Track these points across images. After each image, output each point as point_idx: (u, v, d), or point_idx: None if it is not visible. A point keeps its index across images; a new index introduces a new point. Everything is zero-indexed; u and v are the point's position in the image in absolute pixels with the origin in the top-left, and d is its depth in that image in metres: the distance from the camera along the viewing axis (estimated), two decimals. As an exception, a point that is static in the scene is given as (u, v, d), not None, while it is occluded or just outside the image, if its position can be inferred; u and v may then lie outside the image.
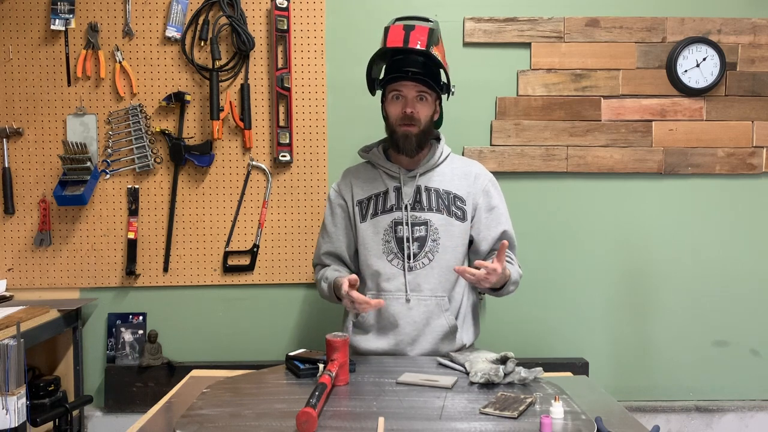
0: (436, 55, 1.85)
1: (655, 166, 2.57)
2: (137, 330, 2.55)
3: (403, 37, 1.84)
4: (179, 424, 1.35)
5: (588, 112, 2.56)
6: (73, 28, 2.50)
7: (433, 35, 1.85)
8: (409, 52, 1.87)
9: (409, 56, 1.88)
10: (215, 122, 2.47)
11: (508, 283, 1.85)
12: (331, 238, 2.02)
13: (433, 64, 1.89)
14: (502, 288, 1.86)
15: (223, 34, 2.51)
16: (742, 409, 2.60)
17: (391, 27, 1.88)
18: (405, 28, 1.85)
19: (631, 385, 2.62)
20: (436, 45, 1.87)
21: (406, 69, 1.87)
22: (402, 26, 1.86)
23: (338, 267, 2.00)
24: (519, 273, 1.93)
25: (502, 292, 1.88)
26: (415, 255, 1.89)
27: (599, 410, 1.44)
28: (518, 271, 1.93)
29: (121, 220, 2.55)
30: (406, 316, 1.88)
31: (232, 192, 2.56)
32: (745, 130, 2.58)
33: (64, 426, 2.06)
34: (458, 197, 1.94)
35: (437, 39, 1.88)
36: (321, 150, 2.56)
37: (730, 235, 2.62)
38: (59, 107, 2.52)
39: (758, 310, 2.63)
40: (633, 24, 2.55)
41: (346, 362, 1.59)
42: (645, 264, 2.61)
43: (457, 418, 1.37)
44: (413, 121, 1.88)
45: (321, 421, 1.33)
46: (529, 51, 2.55)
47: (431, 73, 1.89)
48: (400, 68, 1.88)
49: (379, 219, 1.93)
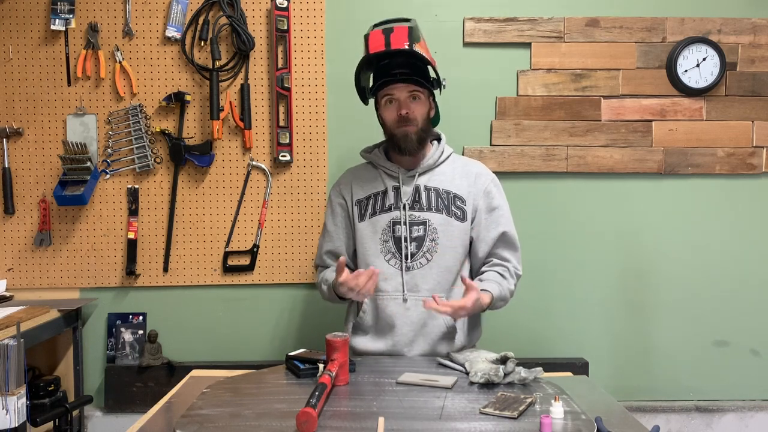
0: (420, 52, 1.84)
1: (655, 166, 2.57)
2: (137, 330, 2.55)
3: (384, 41, 1.83)
4: (179, 424, 1.35)
5: (588, 112, 2.56)
6: (73, 28, 2.50)
7: (413, 33, 1.85)
8: (393, 54, 1.86)
9: (394, 59, 1.88)
10: (215, 122, 2.47)
11: (494, 301, 1.83)
12: (332, 237, 2.02)
13: (419, 61, 1.89)
14: (487, 309, 1.86)
15: (223, 34, 2.51)
16: (742, 409, 2.60)
17: (370, 34, 1.88)
18: (384, 32, 1.85)
19: (631, 385, 2.62)
20: (418, 42, 1.86)
21: (393, 72, 1.86)
22: (381, 30, 1.86)
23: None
24: (510, 289, 1.91)
25: (491, 308, 1.87)
26: (413, 255, 1.89)
27: (599, 410, 1.44)
28: (509, 287, 1.91)
29: (121, 220, 2.55)
30: (403, 317, 1.87)
31: (232, 192, 2.56)
32: (745, 130, 2.58)
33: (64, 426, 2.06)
34: (458, 197, 1.93)
35: (418, 36, 1.87)
36: (321, 150, 2.56)
37: (730, 235, 2.62)
38: (59, 107, 2.52)
39: (758, 310, 2.63)
40: (633, 24, 2.55)
41: (346, 362, 1.59)
42: (645, 264, 2.62)
43: (457, 418, 1.37)
44: (410, 122, 1.87)
45: (321, 421, 1.33)
46: (529, 51, 2.55)
47: (419, 71, 1.88)
48: (388, 72, 1.87)
49: (377, 218, 1.93)
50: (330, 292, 1.91)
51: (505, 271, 1.93)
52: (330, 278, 1.91)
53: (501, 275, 1.91)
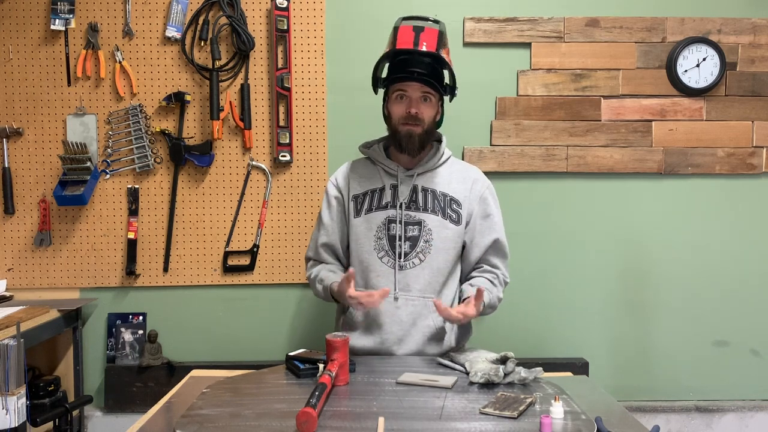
0: (445, 59, 1.85)
1: (655, 166, 2.57)
2: (137, 330, 2.55)
3: (413, 39, 1.83)
4: (179, 424, 1.35)
5: (588, 112, 2.56)
6: (73, 28, 2.50)
7: (442, 38, 1.85)
8: (417, 52, 1.86)
9: (415, 56, 1.87)
10: (215, 122, 2.47)
11: (485, 307, 1.84)
12: (327, 230, 2.01)
13: (437, 64, 1.89)
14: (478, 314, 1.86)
15: (223, 34, 2.51)
16: (742, 409, 2.60)
17: (400, 27, 1.87)
18: (414, 29, 1.84)
19: (631, 385, 2.62)
20: (445, 48, 1.86)
21: (411, 69, 1.86)
22: (411, 27, 1.85)
23: (333, 267, 1.99)
24: (499, 297, 1.93)
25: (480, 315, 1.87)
26: (407, 254, 1.89)
27: (599, 410, 1.44)
28: (498, 296, 1.93)
29: (121, 220, 2.55)
30: (393, 315, 1.88)
31: (232, 192, 2.56)
32: (745, 130, 2.58)
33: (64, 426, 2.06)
34: (454, 200, 1.94)
35: (446, 42, 1.87)
36: (321, 150, 2.56)
37: (730, 235, 2.62)
38: (59, 107, 2.52)
39: (758, 310, 2.63)
40: (633, 24, 2.55)
41: (346, 362, 1.59)
42: (645, 264, 2.62)
43: (457, 418, 1.37)
44: (417, 122, 1.87)
45: (321, 421, 1.33)
46: (529, 51, 2.55)
47: (436, 74, 1.88)
48: (406, 68, 1.87)
49: (372, 215, 1.93)
50: (326, 293, 1.91)
51: (495, 279, 1.94)
52: (326, 279, 1.91)
53: (491, 282, 1.93)
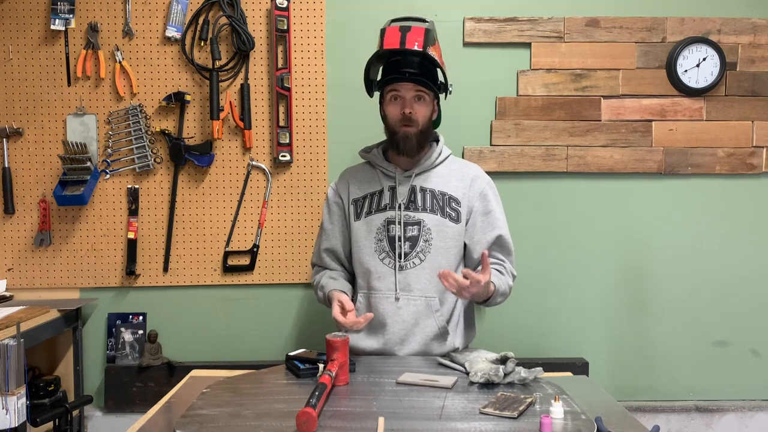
0: (433, 56, 1.86)
1: (655, 166, 2.57)
2: (137, 330, 2.55)
3: (399, 38, 1.84)
4: (179, 424, 1.35)
5: (588, 112, 2.56)
6: (73, 28, 2.50)
7: (429, 35, 1.86)
8: (406, 53, 1.87)
9: (406, 57, 1.89)
10: (215, 122, 2.47)
11: (495, 294, 1.82)
12: (329, 235, 2.03)
13: (430, 63, 1.89)
14: (489, 299, 1.83)
15: (223, 34, 2.51)
16: (742, 409, 2.60)
17: (387, 29, 1.89)
18: (401, 29, 1.86)
19: (631, 385, 2.62)
20: (433, 45, 1.87)
21: (403, 70, 1.87)
22: (398, 27, 1.87)
23: (335, 274, 2.01)
24: (509, 284, 1.91)
25: (489, 303, 1.86)
26: (407, 254, 1.90)
27: (599, 410, 1.44)
28: (508, 282, 1.90)
29: (121, 220, 2.55)
30: (394, 315, 1.88)
31: (232, 192, 2.56)
32: (745, 130, 2.58)
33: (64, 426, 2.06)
34: (453, 198, 1.94)
35: (433, 39, 1.88)
36: (321, 150, 2.56)
37: (730, 235, 2.62)
38: (59, 107, 2.52)
39: (758, 310, 2.63)
40: (633, 24, 2.55)
41: (346, 362, 1.59)
42: (645, 264, 2.61)
43: (457, 418, 1.37)
44: (412, 122, 1.88)
45: (321, 421, 1.33)
46: (529, 51, 2.55)
47: (428, 73, 1.89)
48: (398, 69, 1.88)
49: (372, 218, 1.94)
50: (326, 302, 1.93)
51: (502, 268, 1.93)
52: (326, 286, 1.94)
53: (499, 272, 1.91)
